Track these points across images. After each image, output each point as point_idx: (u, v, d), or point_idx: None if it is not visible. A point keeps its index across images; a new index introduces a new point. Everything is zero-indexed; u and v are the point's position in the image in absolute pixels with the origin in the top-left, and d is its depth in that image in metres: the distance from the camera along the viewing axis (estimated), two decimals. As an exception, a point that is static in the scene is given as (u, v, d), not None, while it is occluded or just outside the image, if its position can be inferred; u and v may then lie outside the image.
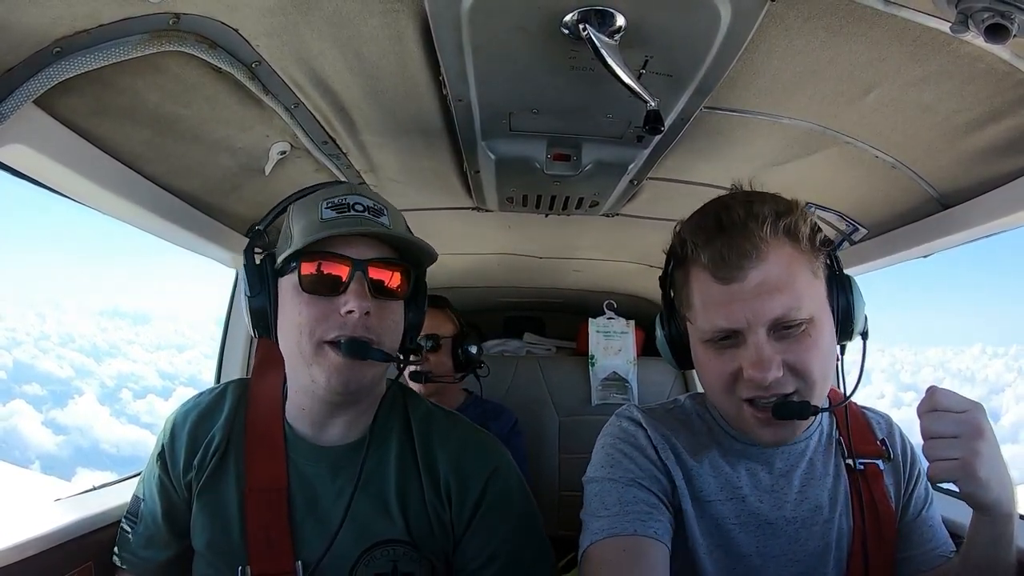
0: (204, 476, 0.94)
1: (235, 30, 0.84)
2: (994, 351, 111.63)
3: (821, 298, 0.83)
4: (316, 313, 0.86)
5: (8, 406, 64.23)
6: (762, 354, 0.78)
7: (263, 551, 0.90)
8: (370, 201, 0.92)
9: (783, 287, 0.78)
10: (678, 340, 0.92)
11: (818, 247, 0.83)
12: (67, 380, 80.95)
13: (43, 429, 60.28)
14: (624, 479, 0.86)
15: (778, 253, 0.79)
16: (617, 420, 0.96)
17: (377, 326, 0.87)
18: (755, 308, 0.78)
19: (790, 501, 0.89)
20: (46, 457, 55.10)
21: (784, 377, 0.79)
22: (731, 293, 0.79)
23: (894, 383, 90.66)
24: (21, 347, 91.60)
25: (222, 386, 1.03)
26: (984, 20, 0.62)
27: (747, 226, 0.79)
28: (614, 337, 2.39)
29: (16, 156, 0.85)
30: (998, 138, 0.98)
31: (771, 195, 0.85)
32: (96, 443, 58.69)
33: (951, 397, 0.74)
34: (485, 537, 0.93)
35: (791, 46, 0.87)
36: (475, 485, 0.93)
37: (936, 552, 0.92)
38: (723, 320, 0.80)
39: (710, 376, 0.85)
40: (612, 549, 0.81)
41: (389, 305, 0.91)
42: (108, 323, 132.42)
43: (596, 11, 0.74)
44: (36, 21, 0.73)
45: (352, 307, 0.85)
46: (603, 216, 1.64)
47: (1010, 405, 76.11)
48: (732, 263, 0.78)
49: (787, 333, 0.79)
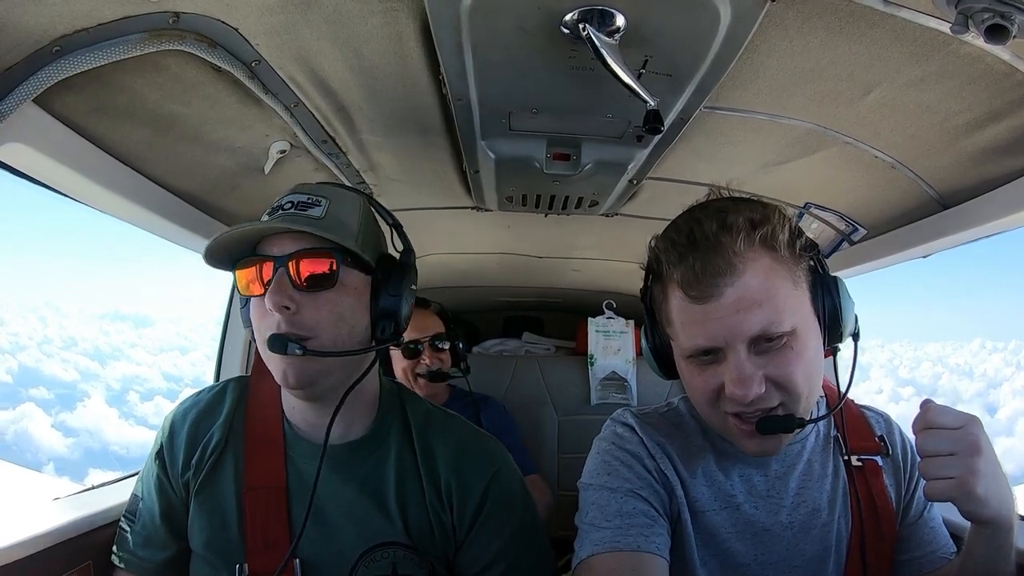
0: (202, 475, 0.93)
1: (235, 29, 0.84)
2: (993, 345, 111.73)
3: (804, 307, 0.80)
4: (257, 313, 0.88)
5: (18, 409, 65.68)
6: (743, 372, 0.76)
7: (261, 549, 0.90)
8: (305, 196, 0.91)
9: (762, 301, 0.75)
10: (662, 351, 0.90)
11: (799, 253, 0.80)
12: (73, 383, 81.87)
13: (53, 432, 61.83)
14: (623, 489, 0.86)
15: (755, 266, 0.76)
16: (612, 426, 0.95)
17: (309, 319, 0.85)
18: (733, 326, 0.75)
19: (786, 506, 0.89)
20: (58, 459, 56.60)
21: (767, 392, 0.77)
22: (707, 312, 0.77)
23: (892, 378, 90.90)
24: (25, 351, 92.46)
25: (222, 384, 1.03)
26: (984, 20, 0.62)
27: (720, 241, 0.76)
28: (613, 337, 2.39)
29: (15, 155, 0.85)
30: (998, 138, 0.98)
31: (747, 201, 0.83)
32: (106, 445, 59.86)
33: (946, 413, 0.73)
34: (487, 541, 0.93)
35: (791, 46, 0.87)
36: (477, 488, 0.93)
37: (937, 554, 0.92)
38: (701, 339, 0.78)
39: (694, 391, 0.85)
40: (614, 564, 0.81)
41: (322, 296, 0.86)
42: (110, 326, 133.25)
43: (596, 11, 0.74)
44: (35, 20, 0.73)
45: (269, 304, 0.84)
46: (602, 216, 1.64)
47: (1007, 399, 76.21)
48: (706, 282, 0.76)
49: (768, 347, 0.76)
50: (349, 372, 0.91)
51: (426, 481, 0.94)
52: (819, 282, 0.82)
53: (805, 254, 0.81)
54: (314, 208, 0.89)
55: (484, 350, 2.73)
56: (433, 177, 1.46)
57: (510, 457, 1.00)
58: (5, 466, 1.56)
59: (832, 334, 0.83)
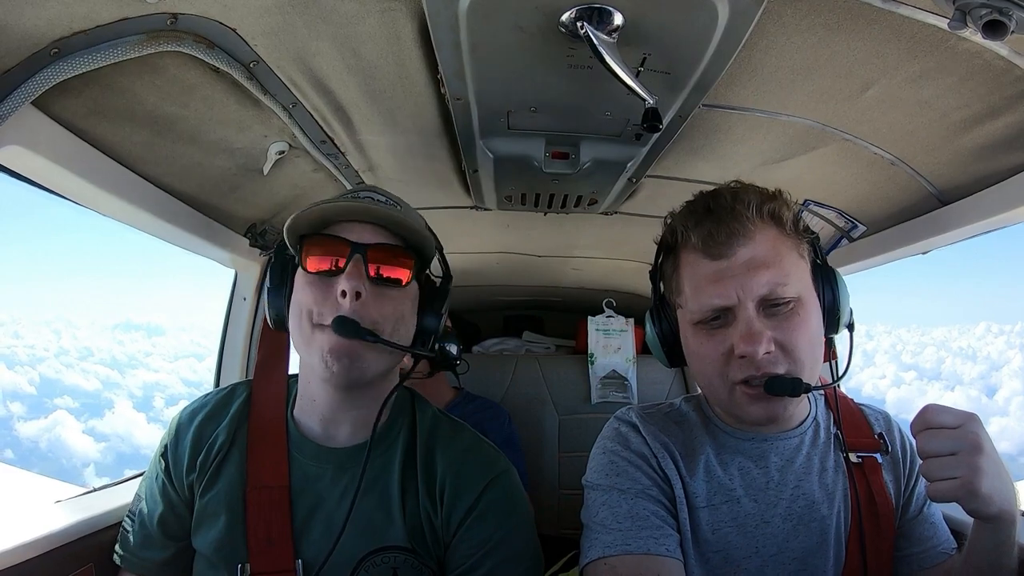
0: (207, 476, 0.93)
1: (233, 30, 0.84)
2: (1000, 328, 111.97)
3: (808, 280, 0.86)
4: (315, 295, 0.87)
5: (49, 418, 68.56)
6: (752, 328, 0.80)
7: (263, 549, 0.90)
8: (383, 196, 0.93)
9: (771, 264, 0.82)
10: (669, 334, 0.95)
11: (801, 232, 0.88)
12: (96, 392, 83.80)
13: (85, 437, 65.28)
14: (633, 490, 0.87)
15: (764, 234, 0.84)
16: (617, 424, 0.96)
17: (374, 312, 0.86)
18: (744, 283, 0.81)
19: (785, 498, 0.89)
20: (92, 463, 59.86)
21: (774, 355, 0.81)
22: (721, 270, 0.83)
23: (896, 363, 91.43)
24: (44, 363, 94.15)
25: (230, 387, 1.03)
26: (982, 16, 0.62)
27: (734, 209, 0.84)
28: (613, 335, 2.39)
29: (14, 157, 0.84)
30: (996, 134, 0.98)
31: (756, 186, 0.89)
32: (137, 448, 63.45)
33: (944, 413, 0.73)
34: (474, 543, 0.91)
35: (789, 43, 0.87)
36: (472, 491, 0.92)
37: (938, 549, 0.92)
38: (715, 297, 0.83)
39: (702, 361, 0.87)
40: (624, 567, 0.82)
41: (389, 293, 0.89)
42: (124, 336, 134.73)
43: (594, 9, 0.74)
44: (33, 22, 0.73)
45: (344, 287, 0.84)
46: (602, 214, 1.64)
47: (1006, 380, 76.52)
48: (721, 241, 0.83)
49: (776, 311, 0.82)
50: (385, 373, 0.93)
51: (422, 481, 0.93)
52: (818, 269, 0.89)
53: (806, 235, 0.88)
54: (393, 208, 0.90)
55: (484, 349, 2.73)
56: (432, 177, 1.46)
57: (513, 469, 0.98)
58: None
59: (831, 322, 0.88)
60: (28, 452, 64.23)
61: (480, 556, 0.90)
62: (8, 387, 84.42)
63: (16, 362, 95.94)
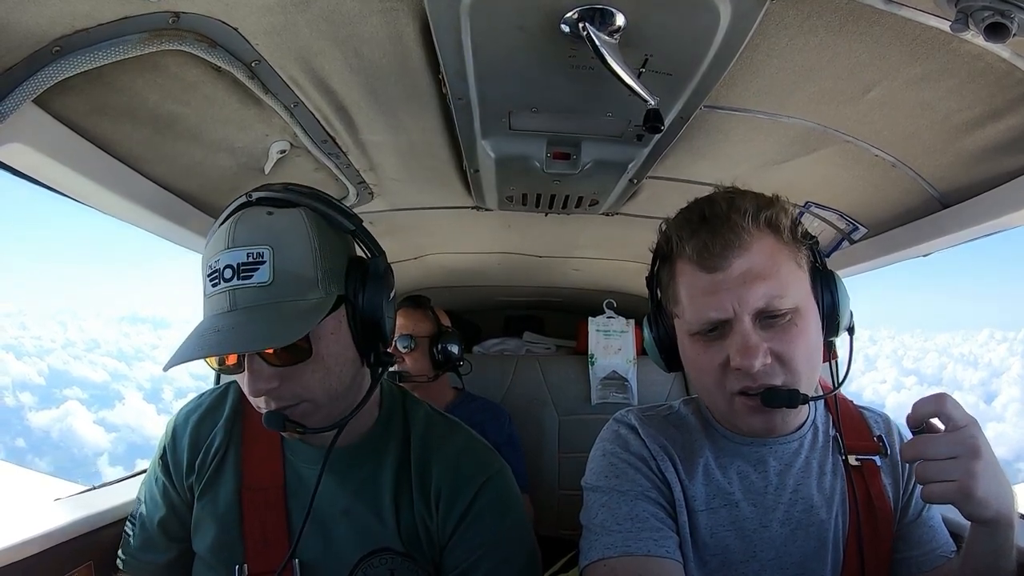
0: (206, 477, 0.93)
1: (234, 29, 0.84)
2: (1003, 335, 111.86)
3: (806, 289, 0.84)
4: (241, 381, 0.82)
5: (61, 408, 69.50)
6: (748, 341, 0.78)
7: (260, 549, 0.90)
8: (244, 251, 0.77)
9: (767, 275, 0.80)
10: (666, 340, 0.93)
11: (800, 239, 0.85)
12: (104, 384, 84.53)
13: (95, 427, 66.25)
14: (632, 492, 0.86)
15: (761, 243, 0.81)
16: (616, 426, 0.96)
17: (296, 388, 0.81)
18: (740, 296, 0.79)
19: (783, 503, 0.89)
20: (103, 453, 61.05)
21: (771, 366, 0.80)
22: (716, 282, 0.80)
23: (897, 368, 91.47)
24: (52, 354, 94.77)
25: (224, 386, 1.02)
26: (984, 19, 0.62)
27: (730, 218, 0.81)
28: (613, 336, 2.39)
29: (15, 155, 0.85)
30: (998, 137, 0.98)
31: (752, 192, 0.87)
32: (147, 439, 64.62)
33: (958, 408, 0.72)
34: (470, 546, 0.90)
35: (791, 45, 0.87)
36: (467, 493, 0.91)
37: (937, 552, 0.92)
38: (710, 310, 0.81)
39: (699, 371, 0.86)
40: (624, 569, 0.82)
41: (300, 366, 0.80)
42: (130, 329, 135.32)
43: (596, 10, 0.74)
44: (35, 20, 0.73)
45: (249, 390, 0.80)
46: (603, 215, 1.64)
47: (1004, 387, 76.55)
48: (716, 252, 0.80)
49: (773, 323, 0.80)
50: (348, 400, 0.88)
51: (416, 485, 0.92)
52: (818, 273, 0.86)
53: (805, 242, 0.86)
54: (259, 269, 0.77)
55: (485, 349, 2.73)
56: (433, 176, 1.46)
57: (508, 469, 0.97)
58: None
59: (829, 326, 0.86)
60: (39, 442, 65.09)
61: (476, 559, 0.90)
62: (17, 378, 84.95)
63: (24, 352, 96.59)
